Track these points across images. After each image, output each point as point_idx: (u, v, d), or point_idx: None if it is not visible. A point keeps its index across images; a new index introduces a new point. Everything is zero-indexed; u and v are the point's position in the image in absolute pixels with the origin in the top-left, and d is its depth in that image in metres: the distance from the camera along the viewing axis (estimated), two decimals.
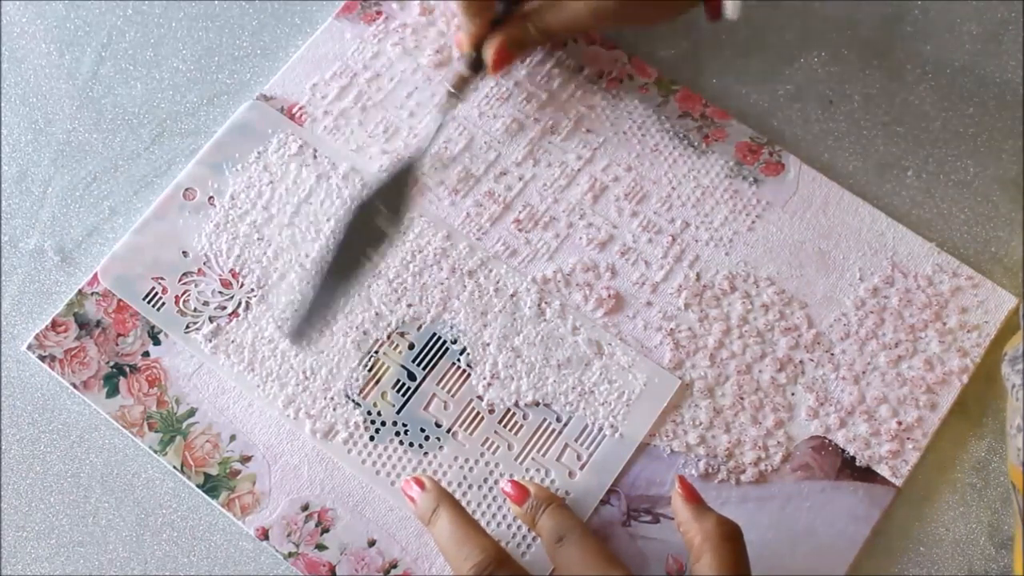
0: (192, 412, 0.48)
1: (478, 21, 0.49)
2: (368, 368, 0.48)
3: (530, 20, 0.50)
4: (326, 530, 0.46)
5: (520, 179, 0.52)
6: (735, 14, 0.48)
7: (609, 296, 0.50)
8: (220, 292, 0.49)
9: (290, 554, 0.46)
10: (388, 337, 0.49)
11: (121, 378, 0.48)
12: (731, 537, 0.40)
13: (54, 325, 0.49)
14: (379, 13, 0.56)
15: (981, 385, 0.49)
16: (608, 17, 0.49)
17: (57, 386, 0.48)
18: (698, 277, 0.50)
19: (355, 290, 0.49)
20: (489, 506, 0.46)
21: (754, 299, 0.50)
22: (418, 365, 0.48)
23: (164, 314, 0.49)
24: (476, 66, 0.50)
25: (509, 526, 0.46)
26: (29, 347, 0.48)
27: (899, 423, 0.47)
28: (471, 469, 0.47)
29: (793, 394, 0.48)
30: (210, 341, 0.48)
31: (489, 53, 0.49)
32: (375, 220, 0.49)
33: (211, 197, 0.51)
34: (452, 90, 0.50)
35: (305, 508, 0.46)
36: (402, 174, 0.50)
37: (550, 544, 0.43)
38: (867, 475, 0.47)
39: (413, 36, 0.55)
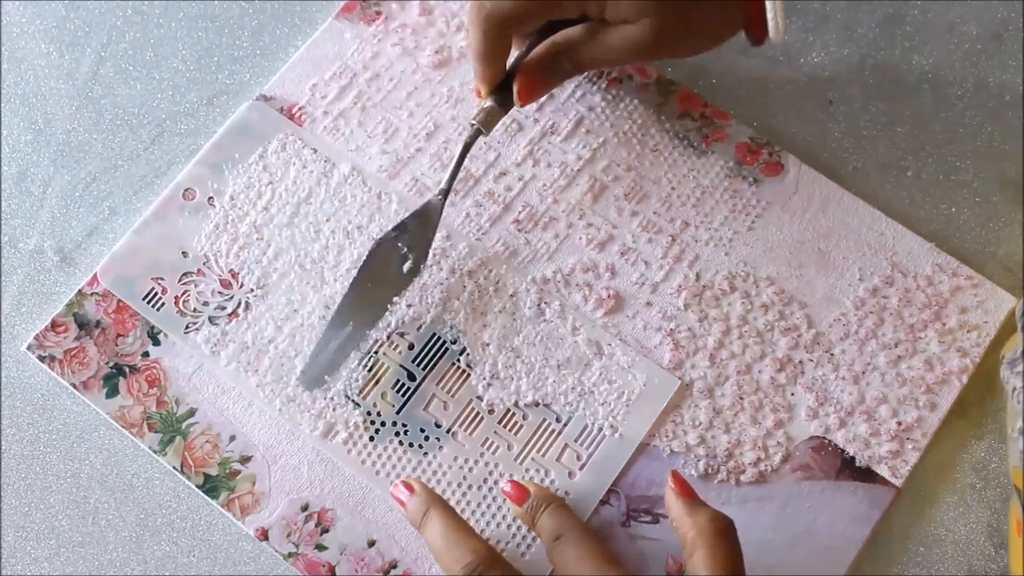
0: (192, 412, 0.48)
1: (496, 66, 0.47)
2: (368, 368, 0.48)
3: (563, 53, 0.47)
4: (326, 530, 0.46)
5: (520, 179, 0.52)
6: (779, 37, 0.45)
7: (609, 296, 0.50)
8: (220, 292, 0.49)
9: (290, 554, 0.46)
10: (388, 337, 0.49)
11: (121, 378, 0.48)
12: (724, 533, 0.40)
13: (54, 325, 0.49)
14: (379, 13, 0.56)
15: (981, 385, 0.48)
16: (644, 51, 0.47)
17: (57, 386, 0.48)
18: (698, 277, 0.50)
19: (372, 334, 0.48)
20: (489, 506, 0.46)
21: (754, 299, 0.50)
22: (418, 365, 0.48)
23: (164, 314, 0.49)
24: (505, 102, 0.48)
25: (509, 526, 0.46)
26: (29, 347, 0.48)
27: (899, 423, 0.47)
28: (471, 469, 0.47)
29: (793, 394, 0.48)
30: (210, 341, 0.48)
31: (518, 83, 0.47)
32: (397, 264, 0.48)
33: (211, 197, 0.51)
34: (480, 126, 0.48)
35: (305, 508, 0.46)
36: (425, 214, 0.49)
37: (549, 544, 0.43)
38: (867, 475, 0.47)
39: (413, 36, 0.55)
